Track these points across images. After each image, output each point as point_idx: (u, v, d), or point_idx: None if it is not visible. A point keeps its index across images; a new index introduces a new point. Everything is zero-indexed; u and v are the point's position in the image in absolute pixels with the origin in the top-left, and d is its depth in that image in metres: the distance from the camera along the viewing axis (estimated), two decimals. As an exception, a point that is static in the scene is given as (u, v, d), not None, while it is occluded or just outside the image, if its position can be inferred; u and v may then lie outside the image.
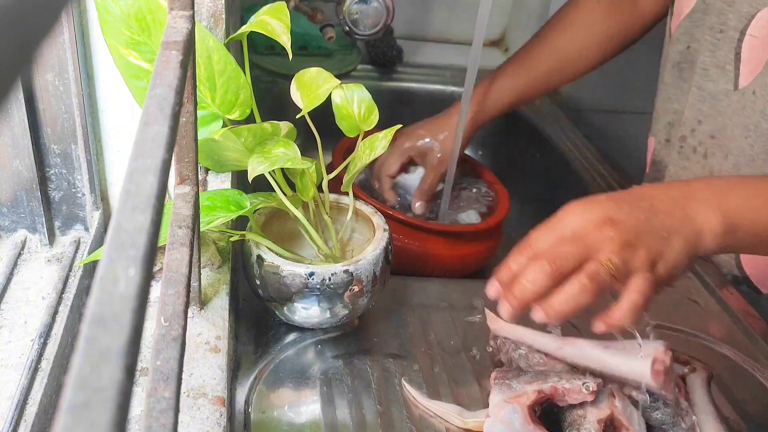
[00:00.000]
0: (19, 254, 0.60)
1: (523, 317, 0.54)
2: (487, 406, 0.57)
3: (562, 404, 0.56)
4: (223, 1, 0.61)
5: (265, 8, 0.60)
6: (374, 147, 0.62)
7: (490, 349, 0.65)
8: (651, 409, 0.57)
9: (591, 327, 0.53)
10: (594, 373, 0.57)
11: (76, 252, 0.62)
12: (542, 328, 0.61)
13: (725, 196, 0.57)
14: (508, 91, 0.96)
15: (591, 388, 0.54)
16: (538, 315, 0.51)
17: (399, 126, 0.65)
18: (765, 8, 0.77)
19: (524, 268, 0.52)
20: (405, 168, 0.99)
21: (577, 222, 0.53)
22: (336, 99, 0.64)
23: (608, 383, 0.57)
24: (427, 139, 0.96)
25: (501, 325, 0.64)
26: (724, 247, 0.57)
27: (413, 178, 1.00)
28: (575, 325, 0.69)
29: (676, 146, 0.91)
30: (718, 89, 0.84)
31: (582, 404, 0.55)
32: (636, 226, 0.53)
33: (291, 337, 0.65)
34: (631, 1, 0.95)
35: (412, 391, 0.60)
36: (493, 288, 0.55)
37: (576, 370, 0.59)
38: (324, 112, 0.63)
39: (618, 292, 0.53)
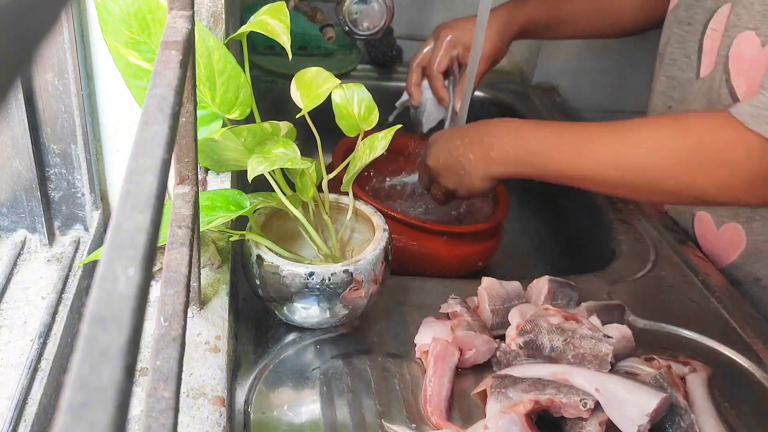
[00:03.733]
0: (19, 254, 0.60)
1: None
2: (485, 404, 0.57)
3: (558, 416, 0.56)
4: (222, 1, 0.61)
5: (264, 8, 0.60)
6: (374, 147, 0.62)
7: (515, 340, 0.63)
8: None
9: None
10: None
11: (75, 252, 0.62)
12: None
13: (521, 132, 0.80)
14: (552, 10, 1.03)
15: (588, 405, 0.54)
16: None
17: (399, 126, 0.65)
18: (726, 4, 0.82)
19: None
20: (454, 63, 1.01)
21: (423, 166, 0.90)
22: (336, 98, 0.64)
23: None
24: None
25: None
26: (515, 173, 0.81)
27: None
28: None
29: None
30: (685, 77, 0.91)
31: None
32: (443, 166, 0.86)
33: (291, 337, 0.65)
34: None
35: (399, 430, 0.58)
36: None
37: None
38: (324, 112, 0.63)
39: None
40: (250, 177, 0.56)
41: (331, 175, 0.64)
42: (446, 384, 0.60)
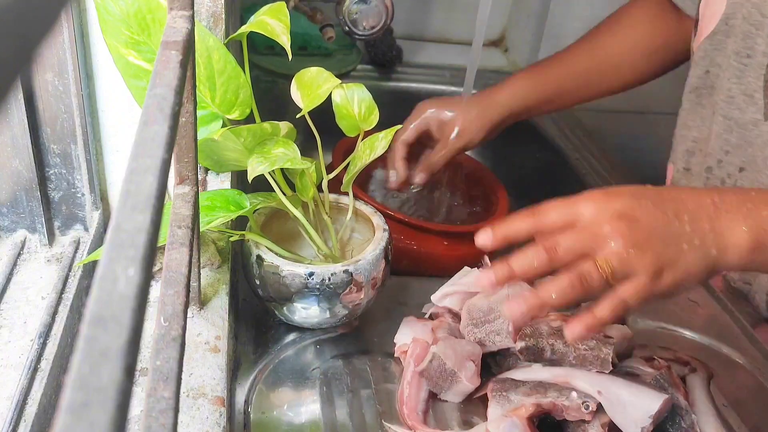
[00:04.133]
0: (19, 254, 0.60)
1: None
2: (486, 406, 0.57)
3: (560, 419, 0.56)
4: (222, 1, 0.61)
5: (264, 8, 0.60)
6: (374, 147, 0.62)
7: (516, 344, 0.61)
8: None
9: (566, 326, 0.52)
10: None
11: (75, 252, 0.62)
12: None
13: (759, 209, 0.53)
14: (542, 84, 0.91)
15: (590, 408, 0.54)
16: (514, 303, 0.50)
17: (399, 126, 0.65)
18: None
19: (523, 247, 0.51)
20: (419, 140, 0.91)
21: (590, 210, 0.51)
22: (336, 98, 0.64)
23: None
24: (452, 113, 0.89)
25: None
26: (749, 265, 0.53)
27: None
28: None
29: (702, 177, 0.85)
30: (746, 119, 0.77)
31: None
32: (652, 228, 0.50)
33: (290, 337, 0.65)
34: (676, 17, 0.91)
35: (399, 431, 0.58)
36: (483, 237, 0.53)
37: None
38: (324, 112, 0.63)
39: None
40: (250, 177, 0.56)
41: (331, 175, 0.64)
42: (424, 386, 0.60)
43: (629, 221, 0.50)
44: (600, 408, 0.55)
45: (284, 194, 0.61)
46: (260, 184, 0.61)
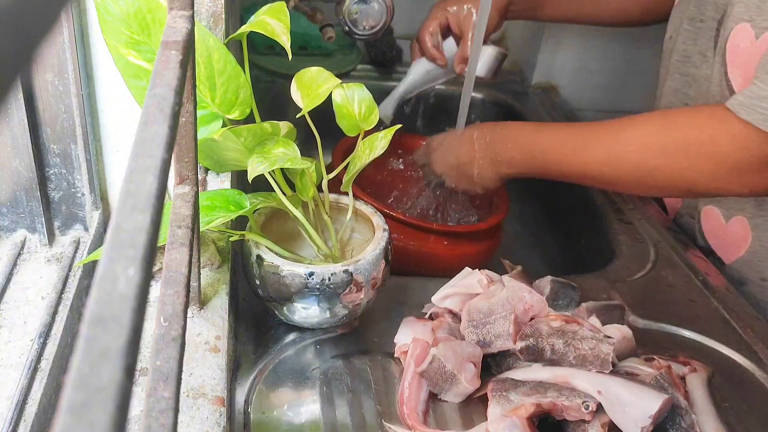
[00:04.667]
0: (19, 254, 0.60)
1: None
2: (486, 406, 0.57)
3: (560, 419, 0.56)
4: (222, 1, 0.61)
5: (264, 8, 0.60)
6: (374, 147, 0.62)
7: (517, 344, 0.61)
8: None
9: None
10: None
11: (75, 252, 0.62)
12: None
13: (527, 141, 0.83)
14: None
15: (590, 408, 0.54)
16: None
17: (399, 126, 0.65)
18: None
19: None
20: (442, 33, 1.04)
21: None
22: (336, 98, 0.64)
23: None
24: (469, 4, 1.01)
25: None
26: (523, 171, 0.84)
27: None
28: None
29: None
30: (701, 74, 0.88)
31: None
32: (455, 169, 0.89)
33: (290, 337, 0.65)
34: None
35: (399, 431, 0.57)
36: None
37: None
38: (324, 112, 0.63)
39: None
40: (250, 177, 0.56)
41: (331, 175, 0.64)
42: (424, 387, 0.60)
43: (444, 170, 0.91)
44: (600, 408, 0.55)
45: (284, 194, 0.61)
46: (260, 184, 0.61)
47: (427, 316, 0.67)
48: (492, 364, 0.63)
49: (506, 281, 0.64)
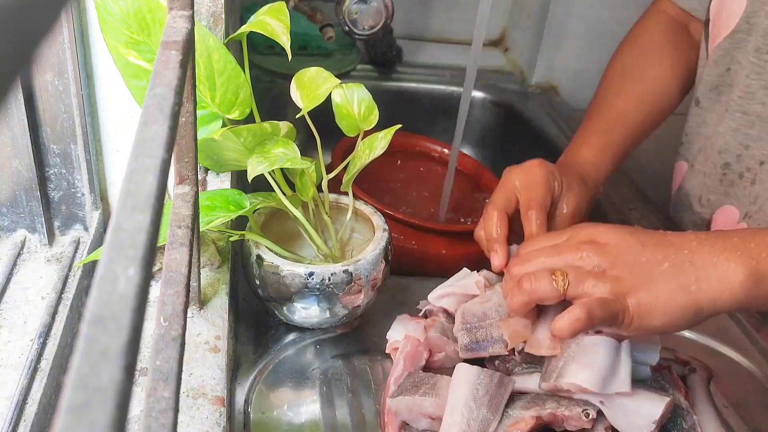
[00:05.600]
0: (19, 254, 0.60)
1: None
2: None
3: (560, 430, 0.55)
4: (222, 1, 0.61)
5: (264, 8, 0.60)
6: (374, 147, 0.62)
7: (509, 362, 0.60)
8: None
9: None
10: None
11: (75, 252, 0.62)
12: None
13: (746, 242, 0.53)
14: (612, 155, 0.83)
15: (591, 416, 0.53)
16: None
17: (399, 126, 0.65)
18: None
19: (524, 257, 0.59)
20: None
21: (569, 233, 0.57)
22: (336, 98, 0.64)
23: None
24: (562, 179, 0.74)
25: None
26: (747, 301, 0.52)
27: None
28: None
29: (717, 173, 0.85)
30: (766, 114, 0.78)
31: None
32: (619, 252, 0.53)
33: (290, 337, 0.65)
34: (686, 24, 0.92)
35: None
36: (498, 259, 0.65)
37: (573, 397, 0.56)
38: (324, 112, 0.63)
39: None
40: (250, 177, 0.56)
41: (331, 175, 0.64)
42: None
43: (597, 244, 0.54)
44: (601, 413, 0.54)
45: (284, 194, 0.61)
46: (260, 184, 0.61)
47: (421, 313, 0.67)
48: (490, 369, 0.63)
49: (501, 287, 0.63)
